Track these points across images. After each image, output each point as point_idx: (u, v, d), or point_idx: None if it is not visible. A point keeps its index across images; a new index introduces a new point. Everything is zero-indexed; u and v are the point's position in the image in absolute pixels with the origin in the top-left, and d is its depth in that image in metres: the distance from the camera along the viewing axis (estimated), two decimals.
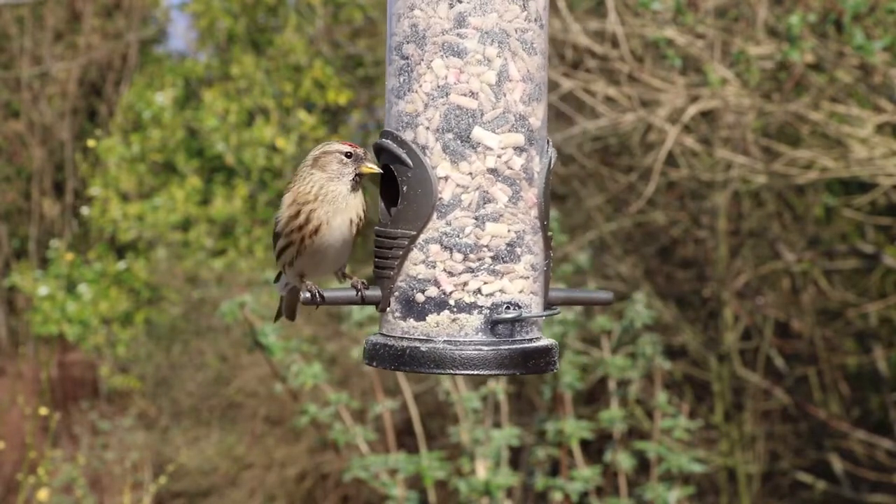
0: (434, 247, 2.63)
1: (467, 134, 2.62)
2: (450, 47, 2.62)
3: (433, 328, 2.64)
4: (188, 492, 10.97)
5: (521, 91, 2.64)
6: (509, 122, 2.63)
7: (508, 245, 2.64)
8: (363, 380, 9.81)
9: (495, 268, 2.63)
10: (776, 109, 7.25)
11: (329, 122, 15.24)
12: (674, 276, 10.44)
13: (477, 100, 2.62)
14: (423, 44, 2.63)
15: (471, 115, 2.62)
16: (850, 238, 10.00)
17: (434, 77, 2.62)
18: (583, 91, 7.69)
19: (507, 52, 2.62)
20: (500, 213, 2.63)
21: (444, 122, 2.62)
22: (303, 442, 10.54)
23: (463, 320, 2.63)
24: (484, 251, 2.63)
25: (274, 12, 15.56)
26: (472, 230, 2.62)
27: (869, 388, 10.22)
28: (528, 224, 2.66)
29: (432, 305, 2.64)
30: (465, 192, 2.62)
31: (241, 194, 14.92)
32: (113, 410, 13.22)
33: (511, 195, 2.63)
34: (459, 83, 2.62)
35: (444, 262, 2.63)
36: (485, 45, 2.61)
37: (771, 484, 10.20)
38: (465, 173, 2.62)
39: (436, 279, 2.63)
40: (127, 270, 15.07)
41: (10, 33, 16.92)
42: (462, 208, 2.62)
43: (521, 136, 2.64)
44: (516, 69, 2.63)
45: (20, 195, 17.13)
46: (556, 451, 6.68)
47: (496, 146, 2.62)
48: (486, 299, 2.63)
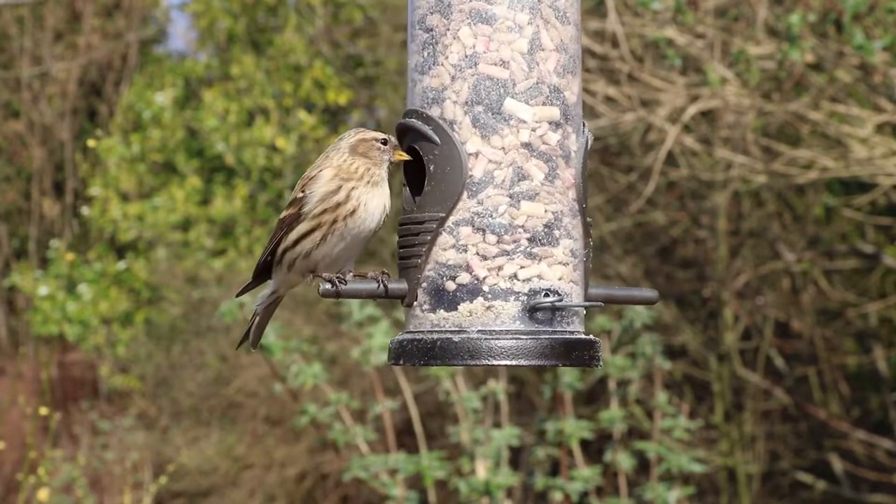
0: (465, 229, 2.44)
1: (499, 106, 2.43)
2: (478, 14, 2.44)
3: (466, 318, 2.43)
4: (188, 492, 10.96)
5: (555, 61, 2.46)
6: (543, 94, 2.45)
7: (546, 227, 2.44)
8: (363, 380, 9.80)
9: (532, 250, 2.43)
10: (776, 109, 7.25)
11: (329, 122, 15.24)
12: (674, 276, 10.44)
13: (508, 69, 2.44)
14: (449, 13, 2.45)
15: (502, 85, 2.44)
16: (850, 238, 10.00)
17: (461, 47, 2.45)
18: (583, 91, 7.68)
19: (538, 20, 2.45)
20: (535, 191, 2.44)
21: (472, 95, 2.44)
22: (303, 442, 10.54)
23: (499, 308, 2.42)
24: (520, 232, 2.43)
25: (274, 12, 15.56)
26: (507, 209, 2.43)
27: (869, 388, 10.22)
28: (567, 206, 2.47)
29: (464, 293, 2.43)
30: (498, 168, 2.43)
31: (241, 194, 14.92)
32: (113, 410, 13.22)
33: (547, 172, 2.45)
34: (489, 52, 2.44)
35: (477, 245, 2.43)
36: (515, 12, 2.44)
37: (771, 484, 10.20)
38: (498, 148, 2.43)
39: (468, 264, 2.43)
40: (127, 270, 15.07)
41: (10, 33, 16.92)
42: (495, 185, 2.43)
43: (556, 110, 2.46)
44: (549, 38, 2.45)
45: (20, 195, 17.13)
46: (556, 451, 6.68)
47: (530, 119, 2.44)
48: (523, 285, 2.42)
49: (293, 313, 10.66)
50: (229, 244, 14.76)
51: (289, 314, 10.58)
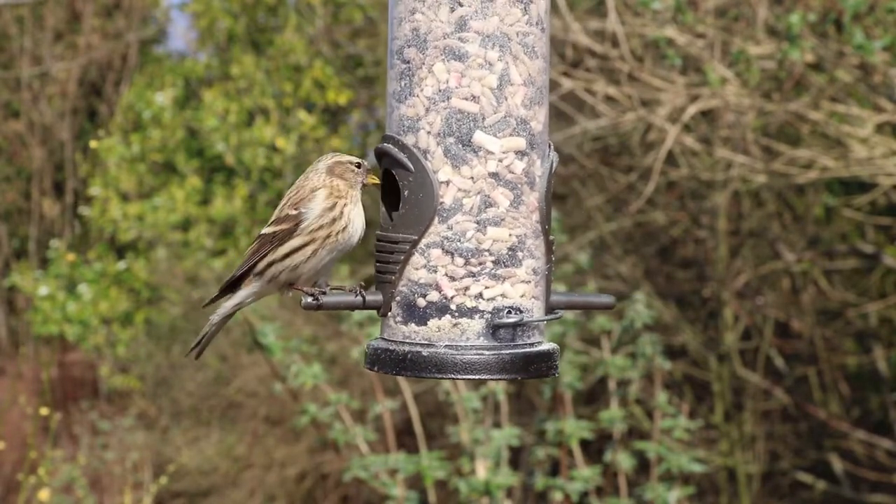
0: (435, 251, 2.62)
1: (469, 138, 2.61)
2: (451, 51, 2.61)
3: (435, 333, 2.63)
4: (188, 492, 10.97)
5: (522, 95, 2.63)
6: (511, 126, 2.62)
7: (510, 249, 2.63)
8: (363, 380, 9.81)
9: (497, 272, 2.62)
10: (776, 109, 7.25)
11: (329, 122, 15.24)
12: (674, 276, 10.44)
13: (478, 104, 2.61)
14: (425, 48, 2.62)
15: (472, 119, 2.61)
16: (850, 238, 10.00)
17: (435, 81, 2.62)
18: (583, 91, 7.69)
19: (508, 56, 2.62)
20: (501, 217, 2.62)
21: (445, 127, 2.61)
22: (303, 442, 10.54)
23: (465, 325, 2.62)
24: (485, 255, 2.62)
25: (274, 12, 15.56)
26: (474, 234, 2.62)
27: (869, 388, 10.22)
28: (530, 228, 2.66)
29: (434, 310, 2.63)
30: (467, 196, 2.61)
31: (241, 194, 14.92)
32: (113, 410, 13.22)
33: (513, 199, 2.63)
34: (461, 87, 2.61)
35: (446, 267, 2.62)
36: (486, 49, 2.61)
37: (771, 484, 10.20)
38: (467, 177, 2.62)
39: (437, 284, 2.63)
40: (127, 270, 15.07)
41: (10, 33, 16.92)
42: (464, 212, 2.62)
43: (522, 140, 2.63)
44: (518, 73, 2.62)
45: (20, 195, 17.13)
46: (556, 451, 6.68)
47: (497, 150, 2.61)
48: (487, 304, 2.62)
49: (293, 313, 10.67)
50: (229, 244, 14.76)
51: (289, 314, 10.58)
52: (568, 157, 9.49)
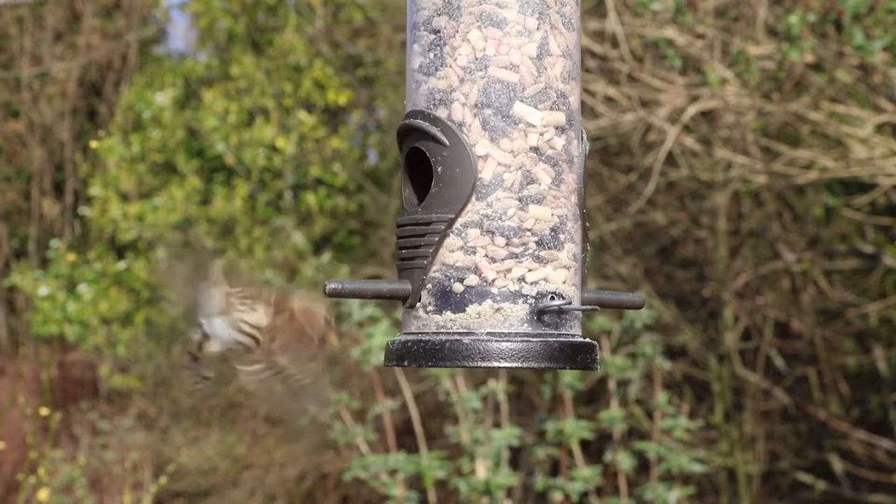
0: (474, 231, 2.42)
1: (508, 109, 2.43)
2: (488, 17, 2.44)
3: (474, 320, 2.41)
4: (188, 492, 10.97)
5: (561, 67, 2.47)
6: (551, 99, 2.46)
7: (552, 230, 2.45)
8: (363, 380, 9.80)
9: (540, 254, 2.44)
10: (776, 109, 7.25)
11: (329, 123, 15.24)
12: (674, 276, 10.44)
13: (518, 73, 2.44)
14: (458, 15, 2.45)
15: (511, 88, 2.43)
16: (850, 238, 10.00)
17: (471, 49, 2.44)
18: (583, 91, 7.68)
19: (547, 25, 2.45)
20: (543, 195, 2.44)
21: (482, 97, 2.43)
22: (303, 442, 10.54)
23: (507, 310, 2.41)
24: (528, 235, 2.43)
25: (274, 12, 15.56)
26: (516, 212, 2.42)
27: (869, 388, 10.22)
28: (570, 210, 2.49)
29: (473, 295, 2.41)
30: (508, 171, 2.43)
31: (241, 194, 14.92)
32: (113, 410, 13.22)
33: (554, 177, 2.46)
34: (499, 55, 2.43)
35: (486, 248, 2.42)
36: (525, 16, 2.44)
37: (771, 484, 10.20)
38: (507, 151, 2.43)
39: (476, 266, 2.41)
40: (127, 270, 15.07)
41: (10, 33, 16.92)
42: (504, 188, 2.42)
43: (562, 115, 2.47)
44: (556, 43, 2.46)
45: (20, 195, 17.13)
46: (556, 451, 6.68)
47: (539, 123, 2.44)
48: (531, 288, 2.42)
49: None
50: (229, 244, 14.76)
51: None
52: None
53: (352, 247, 14.47)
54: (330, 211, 14.77)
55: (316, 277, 10.49)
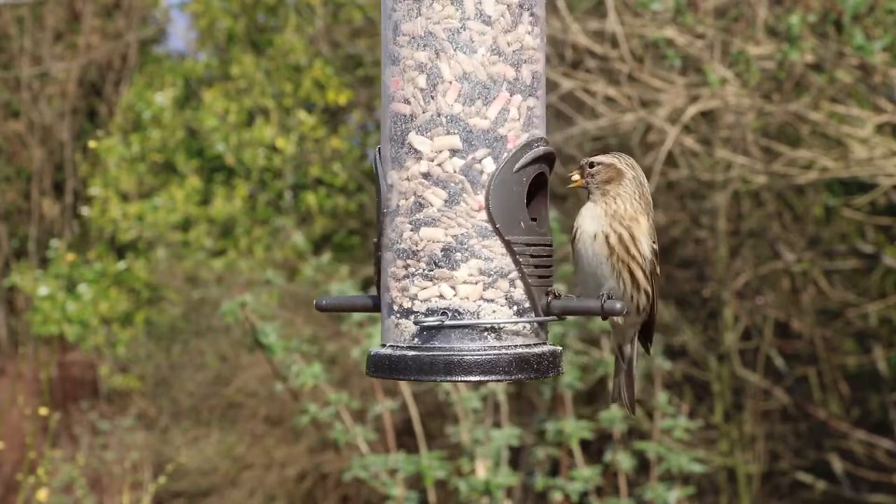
0: (388, 254, 2.67)
1: (403, 139, 2.63)
2: (390, 56, 2.65)
3: (389, 332, 2.68)
4: (188, 492, 10.97)
5: (455, 92, 2.61)
6: (441, 125, 2.62)
7: (444, 250, 2.62)
8: (363, 380, 9.81)
9: (430, 273, 2.62)
10: (776, 109, 7.25)
11: (329, 122, 15.24)
12: (674, 276, 10.44)
13: (409, 105, 2.62)
14: (383, 59, 2.69)
15: (405, 120, 2.63)
16: (850, 238, 10.00)
17: (385, 87, 2.67)
18: (583, 91, 7.69)
19: (433, 54, 2.61)
20: (434, 217, 2.63)
21: (390, 131, 2.66)
22: (303, 442, 10.54)
23: (403, 325, 2.65)
24: (420, 256, 2.63)
25: (274, 12, 15.56)
26: (409, 235, 2.63)
27: (869, 388, 10.22)
28: (472, 228, 2.63)
29: (387, 311, 2.69)
30: (403, 197, 2.64)
31: (241, 194, 14.92)
32: (113, 410, 13.22)
33: (446, 199, 2.62)
34: (397, 90, 2.64)
35: (393, 269, 2.66)
36: (414, 50, 2.61)
37: (771, 484, 10.20)
38: (404, 179, 2.64)
39: (387, 285, 2.67)
40: (127, 270, 15.07)
41: (10, 33, 16.92)
42: (401, 214, 2.65)
43: (455, 139, 2.61)
44: (449, 69, 2.61)
45: (20, 195, 17.13)
46: (556, 451, 6.68)
47: (427, 150, 2.61)
48: (421, 304, 2.63)
49: (293, 313, 10.67)
50: (229, 244, 14.76)
51: (289, 314, 10.58)
52: (568, 157, 9.49)
53: (352, 246, 14.47)
54: (330, 211, 14.77)
55: (316, 277, 10.50)
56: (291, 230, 13.40)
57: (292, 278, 12.25)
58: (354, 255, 13.85)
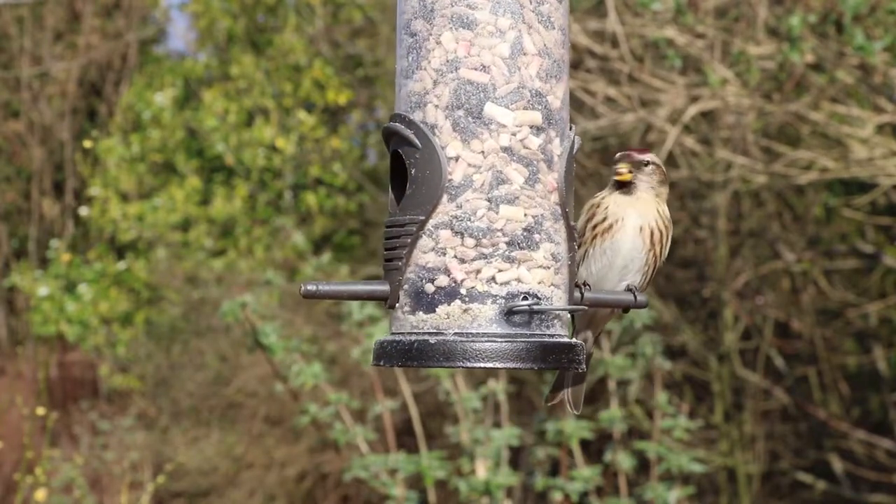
0: (444, 232, 2.45)
1: (479, 110, 2.45)
2: (459, 19, 2.45)
3: (444, 320, 2.45)
4: (188, 492, 10.97)
5: (537, 66, 2.47)
6: (525, 98, 2.46)
7: (525, 230, 2.46)
8: (363, 380, 9.81)
9: (511, 254, 2.45)
10: (776, 109, 7.25)
11: (329, 122, 15.24)
12: (674, 276, 10.44)
13: (489, 74, 2.45)
14: (432, 17, 2.47)
15: (482, 89, 2.45)
16: (850, 238, 10.00)
17: (443, 52, 2.46)
18: (583, 91, 7.69)
19: (521, 24, 2.46)
20: (515, 195, 2.46)
21: (453, 99, 2.45)
22: (303, 442, 10.54)
23: (476, 310, 2.44)
24: (498, 236, 2.45)
25: (273, 12, 15.56)
26: (486, 213, 2.44)
27: (869, 388, 10.22)
28: (548, 209, 2.49)
29: (442, 296, 2.45)
30: (478, 172, 2.45)
31: (241, 194, 14.92)
32: (113, 410, 13.22)
33: (528, 177, 2.46)
34: (470, 56, 2.45)
35: (456, 249, 2.45)
36: (497, 16, 2.45)
37: (771, 484, 10.20)
38: (477, 152, 2.45)
39: (446, 267, 2.45)
40: (127, 270, 15.07)
41: (10, 33, 16.92)
42: (474, 189, 2.44)
43: (538, 115, 2.47)
44: (531, 42, 2.47)
45: (20, 195, 17.13)
46: (556, 451, 6.68)
47: (510, 123, 2.45)
48: (500, 288, 2.44)
49: (293, 313, 10.67)
50: (229, 244, 14.76)
51: (289, 314, 10.58)
52: None
53: (352, 246, 14.47)
54: (330, 211, 14.77)
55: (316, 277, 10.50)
56: (291, 230, 13.40)
57: (292, 278, 12.26)
58: (354, 255, 13.85)
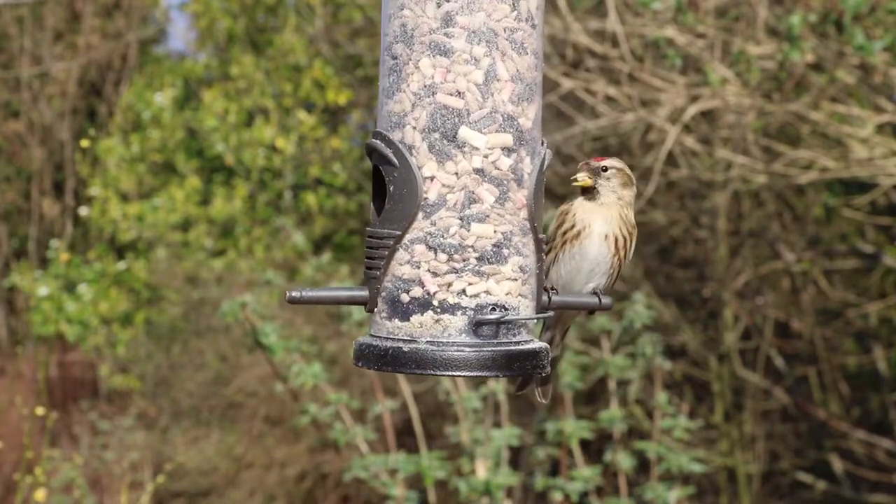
0: (419, 247, 2.62)
1: (453, 133, 2.60)
2: (437, 46, 2.60)
3: (417, 329, 2.62)
4: (188, 492, 10.97)
5: (510, 91, 2.62)
6: (497, 122, 2.61)
7: (495, 246, 2.62)
8: (363, 380, 9.81)
9: (480, 269, 2.61)
10: (776, 109, 7.25)
11: (329, 122, 15.24)
12: (674, 276, 10.44)
13: (463, 99, 2.60)
14: (412, 43, 2.62)
15: (457, 114, 2.60)
16: (850, 238, 10.00)
17: (421, 76, 2.61)
18: (583, 91, 7.69)
19: (495, 52, 2.61)
20: (486, 213, 2.61)
21: (430, 122, 2.60)
22: (303, 442, 10.54)
23: (446, 321, 2.61)
24: (469, 251, 2.61)
25: (273, 12, 15.56)
26: (457, 230, 2.60)
27: (869, 388, 10.22)
28: (517, 225, 2.64)
29: (416, 306, 2.62)
30: (451, 191, 2.60)
31: (241, 194, 14.92)
32: (113, 410, 13.22)
33: (498, 196, 2.62)
34: (446, 82, 2.60)
35: (429, 263, 2.61)
36: (472, 45, 2.60)
37: (771, 484, 10.20)
38: (451, 173, 2.60)
39: (420, 279, 2.61)
40: (127, 270, 15.07)
41: (10, 33, 16.92)
42: (447, 208, 2.61)
43: (509, 137, 2.62)
44: (505, 69, 2.61)
45: (20, 195, 17.13)
46: (556, 451, 6.68)
47: (483, 146, 2.60)
48: (470, 300, 2.60)
49: (293, 313, 10.67)
50: (229, 244, 14.76)
51: (289, 314, 10.58)
52: (568, 157, 9.49)
53: (351, 246, 14.47)
54: (330, 211, 14.77)
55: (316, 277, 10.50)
56: (291, 230, 13.40)
57: (292, 278, 12.26)
58: (354, 255, 13.84)
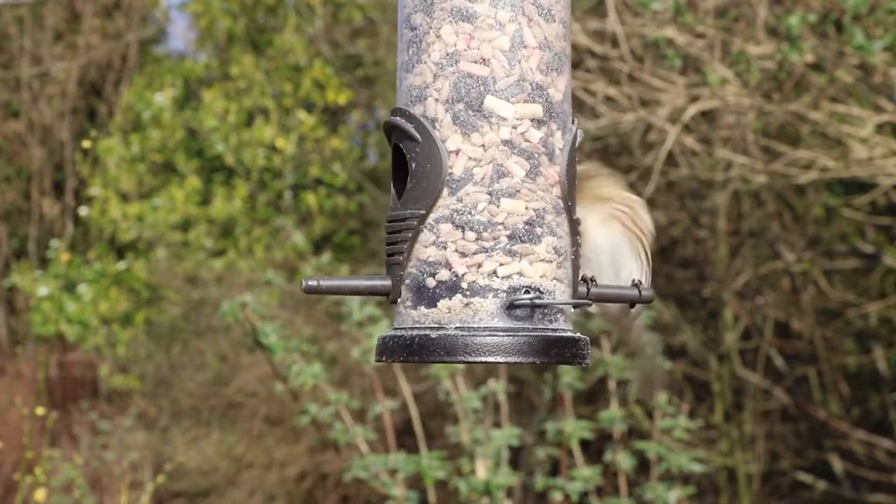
0: (445, 226, 2.42)
1: (479, 103, 2.42)
2: (459, 12, 2.43)
3: (445, 314, 2.41)
4: (188, 492, 10.97)
5: (537, 59, 2.45)
6: (525, 91, 2.44)
7: (527, 224, 2.42)
8: (363, 380, 9.81)
9: (512, 247, 2.41)
10: (776, 109, 7.25)
11: (329, 122, 15.24)
12: (674, 276, 10.44)
13: (489, 67, 2.42)
14: (432, 11, 2.45)
15: (482, 82, 2.42)
16: (850, 238, 10.00)
17: (443, 45, 2.43)
18: (583, 91, 7.69)
19: (521, 17, 2.44)
20: (516, 188, 2.42)
21: (453, 92, 2.42)
22: (303, 442, 10.54)
23: (477, 304, 2.40)
24: (499, 229, 2.41)
25: (274, 12, 15.56)
26: (486, 206, 2.41)
27: (869, 388, 10.22)
28: (549, 203, 2.45)
29: (444, 290, 2.41)
30: (478, 165, 2.41)
31: (241, 194, 14.92)
32: (113, 410, 13.22)
33: (529, 170, 2.43)
34: (469, 49, 2.43)
35: (456, 242, 2.41)
36: (496, 9, 2.43)
37: (771, 484, 10.20)
38: (478, 145, 2.42)
39: (447, 261, 2.41)
40: (127, 270, 15.07)
41: (10, 33, 16.92)
42: (474, 182, 2.41)
43: (538, 107, 2.44)
44: (532, 35, 2.45)
45: (20, 195, 17.13)
46: (556, 451, 6.68)
47: (511, 116, 2.42)
48: (502, 282, 2.40)
49: (293, 313, 10.67)
50: (229, 244, 14.76)
51: (289, 314, 10.58)
52: None
53: (352, 246, 14.47)
54: (330, 211, 14.77)
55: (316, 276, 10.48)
56: (291, 230, 13.40)
57: (292, 278, 12.25)
58: (354, 255, 13.85)
